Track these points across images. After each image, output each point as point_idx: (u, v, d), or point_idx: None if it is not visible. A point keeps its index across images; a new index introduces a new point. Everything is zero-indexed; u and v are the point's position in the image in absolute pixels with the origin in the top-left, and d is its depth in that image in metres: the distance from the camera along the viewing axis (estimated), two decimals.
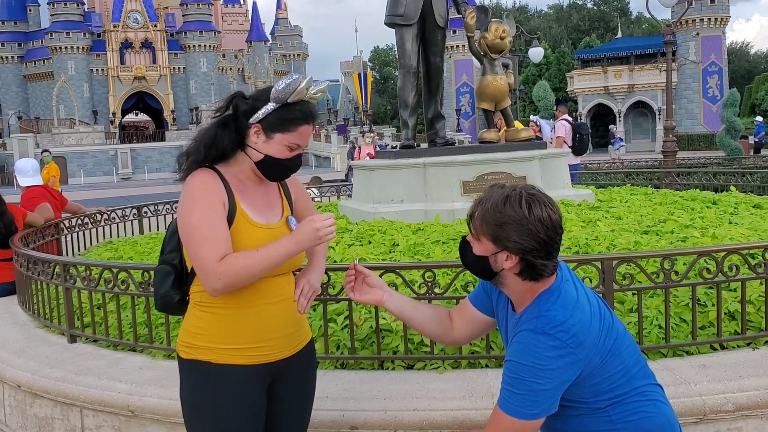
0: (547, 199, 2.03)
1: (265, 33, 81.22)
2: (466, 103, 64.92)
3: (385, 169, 6.66)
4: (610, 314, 2.10)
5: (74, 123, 61.00)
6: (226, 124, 2.26)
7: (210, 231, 2.14)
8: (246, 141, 2.27)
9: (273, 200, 2.39)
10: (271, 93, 2.22)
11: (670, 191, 8.24)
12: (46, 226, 6.73)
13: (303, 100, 2.25)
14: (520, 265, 2.02)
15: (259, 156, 2.26)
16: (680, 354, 3.65)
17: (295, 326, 2.38)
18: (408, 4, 6.90)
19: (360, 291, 2.33)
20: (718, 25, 53.21)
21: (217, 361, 2.22)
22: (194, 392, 2.26)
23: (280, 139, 2.24)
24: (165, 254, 2.40)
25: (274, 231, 2.29)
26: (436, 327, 2.40)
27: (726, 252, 3.67)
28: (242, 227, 2.22)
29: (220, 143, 2.24)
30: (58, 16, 68.10)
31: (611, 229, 5.21)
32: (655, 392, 2.11)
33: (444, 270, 3.93)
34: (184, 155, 2.28)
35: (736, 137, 26.02)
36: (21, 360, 4.28)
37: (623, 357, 2.04)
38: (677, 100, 51.04)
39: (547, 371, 1.91)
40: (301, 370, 2.43)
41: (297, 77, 2.22)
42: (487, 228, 2.03)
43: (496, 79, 7.14)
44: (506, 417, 1.95)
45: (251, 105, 2.25)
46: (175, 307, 2.37)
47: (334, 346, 3.79)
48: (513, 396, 1.94)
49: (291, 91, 2.20)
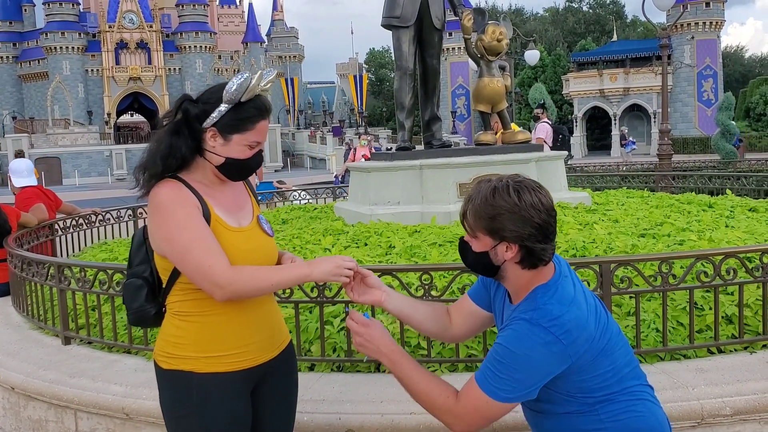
0: (534, 184, 2.04)
1: (261, 34, 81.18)
2: (462, 105, 65.02)
3: (381, 170, 6.64)
4: (605, 314, 2.10)
5: (69, 123, 60.81)
6: (178, 131, 2.18)
7: (204, 241, 2.09)
8: (203, 145, 2.20)
9: (241, 201, 2.34)
10: (222, 95, 2.15)
11: (666, 194, 8.26)
12: (41, 227, 6.70)
13: (256, 95, 2.19)
14: (521, 253, 2.02)
15: (220, 159, 2.20)
16: (677, 357, 3.65)
17: (274, 328, 2.34)
18: (405, 5, 6.90)
19: (358, 291, 2.31)
20: (713, 28, 53.46)
21: (200, 371, 2.17)
22: (177, 403, 2.21)
23: (238, 139, 2.18)
24: (134, 267, 2.33)
25: (248, 233, 2.24)
26: (434, 325, 2.38)
27: (723, 255, 3.67)
28: (219, 232, 2.16)
29: (177, 152, 2.16)
30: (53, 16, 67.90)
31: (608, 232, 5.20)
32: (644, 392, 2.11)
33: (441, 272, 3.91)
34: (140, 169, 2.18)
35: (731, 141, 26.09)
36: (15, 362, 4.25)
37: (615, 357, 2.04)
38: (672, 103, 51.18)
39: (534, 363, 1.92)
40: (283, 372, 2.40)
41: (247, 75, 2.16)
42: (482, 223, 2.03)
43: (493, 81, 7.14)
44: (482, 394, 1.97)
45: (202, 109, 2.18)
46: (152, 320, 2.31)
47: (331, 349, 3.77)
48: (495, 377, 1.95)
49: (243, 90, 2.13)
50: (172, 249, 2.11)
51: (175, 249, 2.11)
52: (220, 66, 72.98)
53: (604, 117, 56.44)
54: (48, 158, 53.15)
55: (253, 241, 2.25)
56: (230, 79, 2.16)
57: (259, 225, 2.31)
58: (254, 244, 2.25)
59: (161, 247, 2.16)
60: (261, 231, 2.30)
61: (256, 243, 2.26)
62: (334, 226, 6.20)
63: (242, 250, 2.19)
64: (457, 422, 2.03)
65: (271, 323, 2.33)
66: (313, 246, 5.26)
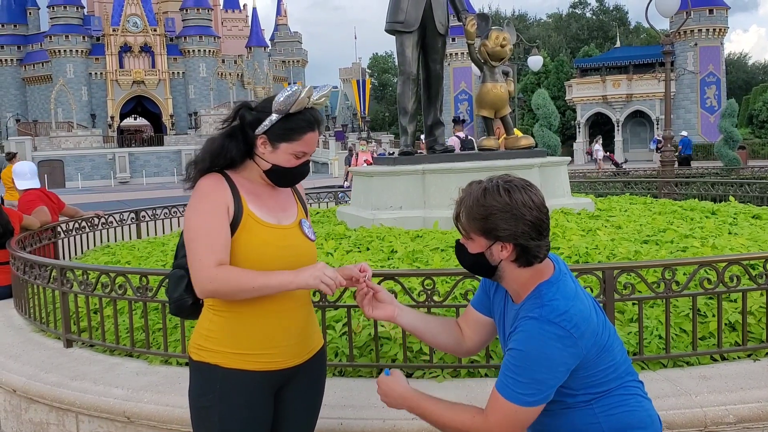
0: (524, 183, 2.06)
1: (264, 39, 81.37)
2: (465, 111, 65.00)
3: (383, 175, 6.64)
4: (602, 312, 2.13)
5: (72, 126, 60.94)
6: (233, 134, 2.30)
7: (209, 235, 2.17)
8: (254, 150, 2.31)
9: (286, 204, 2.41)
10: (272, 105, 2.25)
11: (669, 201, 8.25)
12: (43, 230, 6.71)
13: (306, 108, 2.27)
14: (516, 251, 2.03)
15: (267, 165, 2.30)
16: (680, 365, 3.63)
17: (304, 334, 2.37)
18: (408, 11, 6.91)
19: (370, 306, 2.33)
20: (717, 35, 53.39)
21: (225, 365, 2.23)
22: (201, 394, 2.28)
23: (285, 148, 2.28)
24: (178, 259, 2.42)
25: (285, 231, 2.31)
26: (448, 338, 2.40)
27: (727, 262, 3.66)
28: (250, 226, 2.24)
29: (228, 153, 2.28)
30: (57, 20, 68.13)
31: (611, 238, 5.19)
32: (637, 387, 2.13)
33: (443, 278, 3.90)
34: (192, 164, 2.32)
35: (734, 147, 26.06)
36: (16, 364, 4.25)
37: (614, 353, 2.07)
38: (675, 110, 51.15)
39: (550, 360, 1.93)
40: (309, 378, 2.42)
41: (297, 88, 2.24)
42: (475, 224, 2.05)
43: (496, 86, 7.15)
44: (508, 403, 1.97)
45: (256, 116, 2.28)
46: (189, 310, 2.38)
47: (333, 354, 3.76)
48: (516, 383, 1.95)
49: (291, 102, 2.22)
50: (187, 232, 2.25)
51: (188, 233, 2.24)
52: (224, 70, 73.10)
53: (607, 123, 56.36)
54: (51, 161, 53.31)
55: (289, 239, 2.31)
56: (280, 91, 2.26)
57: (299, 227, 2.37)
58: (289, 242, 2.31)
59: (184, 232, 2.29)
60: (301, 233, 2.36)
61: (290, 241, 2.32)
62: (336, 230, 6.20)
63: (274, 245, 2.26)
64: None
65: (303, 329, 2.37)
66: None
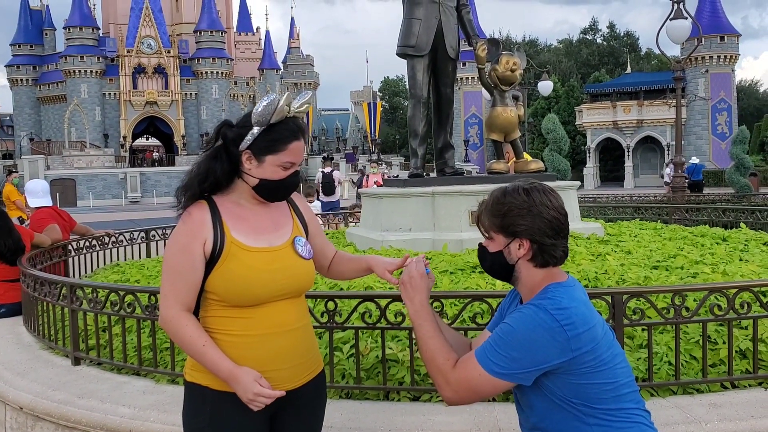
0: (545, 186, 2.12)
1: (277, 61, 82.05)
2: (475, 134, 65.20)
3: (393, 197, 6.66)
4: (612, 334, 2.13)
5: (85, 146, 61.47)
6: (217, 155, 2.26)
7: (177, 275, 2.19)
8: (240, 168, 2.26)
9: (280, 221, 2.36)
10: (251, 117, 2.21)
11: (680, 227, 8.21)
12: (54, 248, 6.75)
13: (288, 117, 2.23)
14: (532, 249, 2.07)
15: (255, 181, 2.25)
16: (690, 392, 3.60)
17: (302, 357, 2.31)
18: (420, 35, 6.98)
19: None
20: (728, 62, 53.48)
21: (216, 387, 2.19)
22: (193, 415, 2.25)
23: (271, 160, 2.23)
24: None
25: (274, 253, 2.26)
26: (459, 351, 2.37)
27: (737, 289, 3.64)
28: (233, 254, 2.19)
29: (211, 176, 2.24)
30: (73, 41, 69.06)
31: (621, 263, 5.17)
32: (642, 416, 2.10)
33: (452, 300, 3.90)
34: (181, 190, 2.28)
35: (746, 174, 25.97)
36: (24, 381, 4.25)
37: (617, 373, 2.04)
38: (686, 136, 51.12)
39: (532, 344, 1.95)
40: (308, 402, 2.35)
41: (274, 97, 2.20)
42: (495, 221, 2.11)
43: (506, 110, 7.18)
44: (477, 366, 2.02)
45: (237, 132, 2.24)
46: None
47: (340, 375, 3.75)
48: (492, 351, 2.00)
49: (270, 112, 2.18)
50: (163, 261, 2.28)
51: (163, 263, 2.27)
52: (236, 92, 73.71)
53: (618, 148, 56.38)
54: (63, 179, 53.63)
55: (279, 261, 2.25)
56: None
57: (292, 247, 2.31)
58: (279, 264, 2.25)
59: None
60: (293, 252, 2.31)
61: (282, 263, 2.26)
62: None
63: (261, 269, 2.20)
64: (447, 387, 2.07)
65: (301, 352, 2.30)
66: None
